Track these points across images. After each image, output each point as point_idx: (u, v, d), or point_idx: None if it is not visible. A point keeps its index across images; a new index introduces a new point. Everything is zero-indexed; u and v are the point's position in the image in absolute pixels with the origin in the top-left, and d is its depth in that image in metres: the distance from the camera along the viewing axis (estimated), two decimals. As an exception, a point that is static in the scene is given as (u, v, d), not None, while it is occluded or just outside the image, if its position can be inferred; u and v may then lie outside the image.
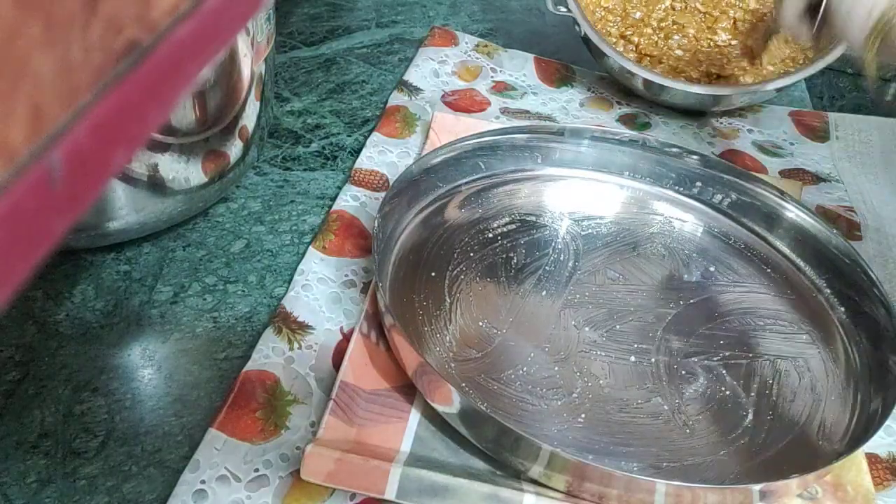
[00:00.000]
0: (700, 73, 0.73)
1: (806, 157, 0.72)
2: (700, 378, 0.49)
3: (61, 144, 0.14)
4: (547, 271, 0.55)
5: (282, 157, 0.64)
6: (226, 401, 0.44)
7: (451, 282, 0.53)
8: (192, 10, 0.17)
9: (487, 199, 0.60)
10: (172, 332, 0.49)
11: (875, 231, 0.65)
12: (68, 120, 0.14)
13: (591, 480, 0.40)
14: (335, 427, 0.43)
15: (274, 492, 0.41)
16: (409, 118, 0.70)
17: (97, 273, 0.52)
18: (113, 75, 0.15)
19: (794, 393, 0.49)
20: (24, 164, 0.13)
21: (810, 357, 0.51)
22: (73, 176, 0.14)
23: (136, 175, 0.50)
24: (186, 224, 0.56)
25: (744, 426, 0.47)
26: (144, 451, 0.43)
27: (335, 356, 0.48)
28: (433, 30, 0.82)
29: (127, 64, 0.15)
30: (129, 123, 0.16)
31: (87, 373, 0.46)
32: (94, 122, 0.15)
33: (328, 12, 0.85)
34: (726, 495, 0.41)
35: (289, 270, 0.54)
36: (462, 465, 0.43)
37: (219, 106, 0.52)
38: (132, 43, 0.15)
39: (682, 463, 0.44)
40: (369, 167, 0.63)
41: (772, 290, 0.56)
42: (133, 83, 0.15)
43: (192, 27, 0.17)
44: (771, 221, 0.60)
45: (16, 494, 0.40)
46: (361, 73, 0.76)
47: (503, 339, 0.50)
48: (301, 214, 0.59)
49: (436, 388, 0.43)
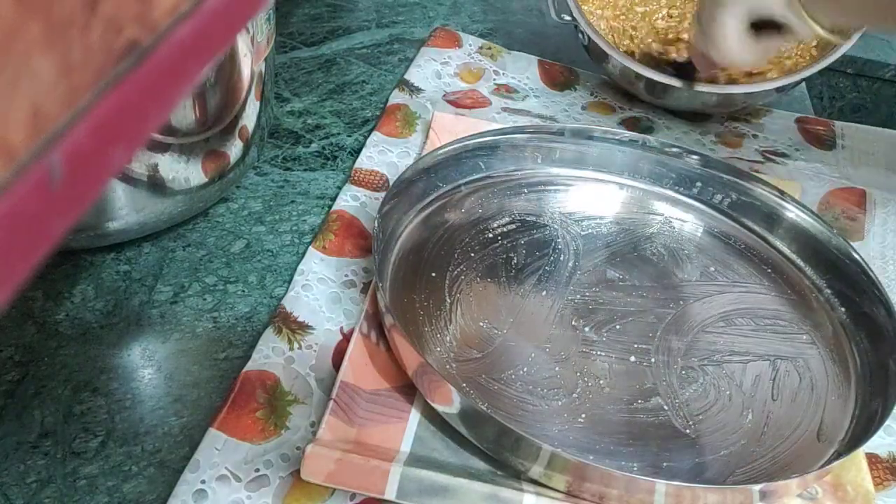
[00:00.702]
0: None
1: (810, 165, 0.71)
2: (700, 378, 0.49)
3: (61, 145, 0.14)
4: (547, 271, 0.55)
5: (282, 158, 0.64)
6: (226, 401, 0.44)
7: (451, 282, 0.53)
8: (192, 10, 0.17)
9: (487, 199, 0.60)
10: (172, 332, 0.49)
11: (876, 231, 0.65)
12: (68, 120, 0.14)
13: (592, 480, 0.40)
14: (335, 427, 0.43)
15: (274, 492, 0.41)
16: (409, 118, 0.70)
17: (97, 273, 0.52)
18: (113, 75, 0.15)
19: (794, 393, 0.49)
20: (24, 164, 0.13)
21: (810, 357, 0.51)
22: (73, 176, 0.14)
23: (136, 175, 0.50)
24: (186, 224, 0.56)
25: (744, 426, 0.47)
26: (144, 451, 0.43)
27: (335, 356, 0.48)
28: (436, 30, 0.82)
29: (127, 64, 0.15)
30: (129, 123, 0.16)
31: (87, 373, 0.46)
32: (94, 122, 0.15)
33: (328, 12, 0.85)
34: (726, 495, 0.41)
35: (289, 270, 0.54)
36: (462, 465, 0.43)
37: (219, 106, 0.52)
38: (132, 43, 0.15)
39: (683, 463, 0.44)
40: (369, 167, 0.63)
41: (772, 290, 0.56)
42: (133, 83, 0.15)
43: (192, 27, 0.17)
44: (771, 221, 0.60)
45: (16, 494, 0.40)
46: (361, 74, 0.76)
47: (504, 340, 0.50)
48: (301, 214, 0.59)
49: (436, 388, 0.43)
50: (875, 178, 0.71)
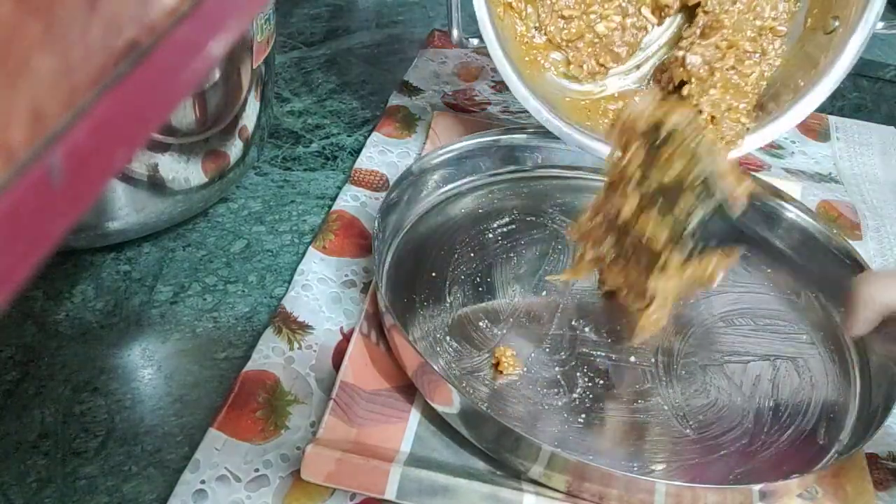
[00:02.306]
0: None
1: (807, 157, 0.72)
2: (700, 378, 0.49)
3: (61, 144, 0.14)
4: (547, 271, 0.55)
5: (282, 158, 0.64)
6: (226, 401, 0.44)
7: (451, 282, 0.53)
8: (192, 11, 0.17)
9: (487, 199, 0.60)
10: (172, 332, 0.49)
11: (875, 231, 0.65)
12: (68, 120, 0.14)
13: (591, 480, 0.40)
14: (335, 427, 0.43)
15: (274, 492, 0.41)
16: (409, 118, 0.70)
17: (97, 273, 0.52)
18: (113, 75, 0.15)
19: (794, 393, 0.49)
20: (24, 164, 0.13)
21: (810, 357, 0.51)
22: (73, 176, 0.14)
23: (136, 175, 0.50)
24: (186, 224, 0.56)
25: (744, 426, 0.47)
26: (144, 451, 0.43)
27: (335, 356, 0.48)
28: (433, 32, 0.82)
29: (127, 64, 0.15)
30: (129, 123, 0.16)
31: (87, 373, 0.46)
32: (94, 122, 0.15)
33: (328, 12, 0.85)
34: (726, 495, 0.41)
35: (289, 270, 0.54)
36: (462, 465, 0.43)
37: (219, 106, 0.52)
38: (132, 43, 0.15)
39: (682, 463, 0.44)
40: (369, 167, 0.63)
41: (772, 290, 0.56)
42: (133, 83, 0.15)
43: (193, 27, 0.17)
44: (771, 221, 0.60)
45: (16, 494, 0.40)
46: (361, 74, 0.76)
47: (503, 340, 0.50)
48: (301, 214, 0.59)
49: (436, 388, 0.43)
50: (869, 170, 0.72)
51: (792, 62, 0.59)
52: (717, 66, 0.56)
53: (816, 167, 0.71)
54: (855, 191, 0.69)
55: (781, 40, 0.59)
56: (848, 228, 0.64)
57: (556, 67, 0.62)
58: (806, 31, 0.59)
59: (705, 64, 0.56)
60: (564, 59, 0.62)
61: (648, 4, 0.62)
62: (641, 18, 0.62)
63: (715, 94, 0.56)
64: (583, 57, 0.61)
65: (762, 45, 0.58)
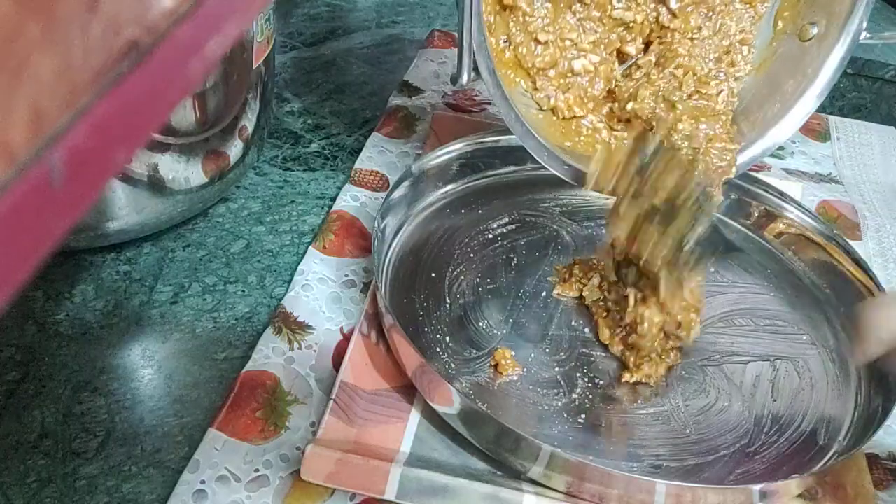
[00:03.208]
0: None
1: (807, 157, 0.72)
2: (699, 378, 0.49)
3: (61, 144, 0.14)
4: (547, 271, 0.55)
5: (282, 158, 0.64)
6: (226, 401, 0.44)
7: (451, 282, 0.53)
8: (192, 11, 0.17)
9: (487, 199, 0.60)
10: (172, 332, 0.49)
11: (875, 231, 0.65)
12: (68, 120, 0.14)
13: (591, 481, 0.40)
14: (335, 427, 0.43)
15: (274, 492, 0.41)
16: (409, 118, 0.70)
17: (97, 273, 0.52)
18: (113, 75, 0.15)
19: (794, 393, 0.49)
20: (25, 164, 0.13)
21: (810, 357, 0.51)
22: (73, 176, 0.14)
23: (136, 175, 0.50)
24: (186, 224, 0.56)
25: (744, 426, 0.47)
26: (144, 451, 0.43)
27: (335, 356, 0.48)
28: (433, 32, 0.82)
29: (127, 64, 0.15)
30: (129, 123, 0.16)
31: (87, 373, 0.46)
32: (94, 122, 0.15)
33: (328, 12, 0.85)
34: (726, 495, 0.41)
35: (289, 270, 0.54)
36: (462, 465, 0.43)
37: (219, 106, 0.52)
38: (132, 43, 0.15)
39: (682, 463, 0.44)
40: (369, 167, 0.63)
41: (772, 290, 0.56)
42: (133, 83, 0.15)
43: (192, 28, 0.17)
44: (771, 221, 0.60)
45: (16, 494, 0.40)
46: (361, 74, 0.76)
47: (503, 340, 0.50)
48: (301, 214, 0.59)
49: (436, 389, 0.43)
50: (869, 170, 0.72)
51: (768, 66, 0.55)
52: (676, 99, 0.51)
53: (816, 167, 0.71)
54: (855, 191, 0.69)
55: (749, 48, 0.55)
56: (848, 228, 0.64)
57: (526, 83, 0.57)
58: (777, 35, 0.55)
59: (662, 101, 0.51)
60: (531, 85, 0.54)
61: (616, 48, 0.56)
62: (611, 62, 0.57)
63: (685, 128, 0.50)
64: (550, 90, 0.54)
65: (732, 58, 0.54)
